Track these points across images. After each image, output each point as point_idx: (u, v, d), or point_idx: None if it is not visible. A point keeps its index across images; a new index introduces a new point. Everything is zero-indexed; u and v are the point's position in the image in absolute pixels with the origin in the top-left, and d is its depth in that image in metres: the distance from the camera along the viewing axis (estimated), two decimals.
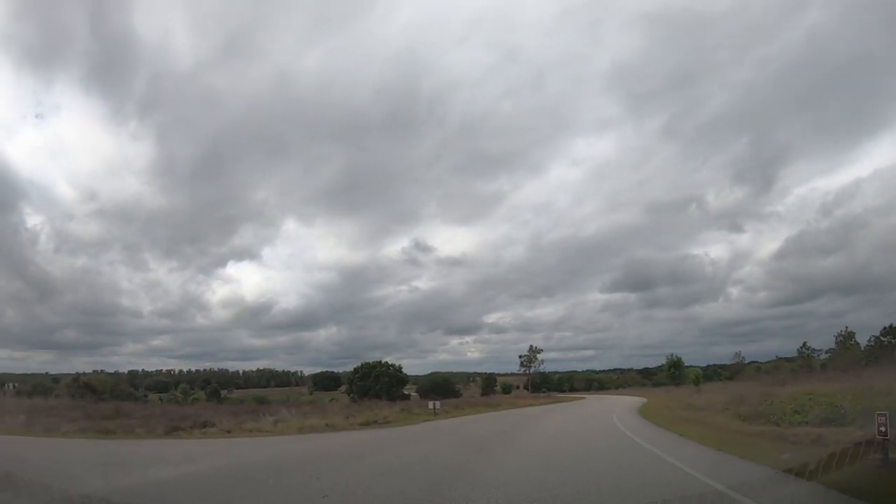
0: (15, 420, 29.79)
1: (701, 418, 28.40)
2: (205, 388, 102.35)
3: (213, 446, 20.73)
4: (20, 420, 29.75)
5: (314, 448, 20.06)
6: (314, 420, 32.02)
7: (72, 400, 51.11)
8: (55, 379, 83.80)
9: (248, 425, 28.63)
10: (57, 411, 36.50)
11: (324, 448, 20.03)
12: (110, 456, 17.34)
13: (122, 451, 19.27)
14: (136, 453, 18.17)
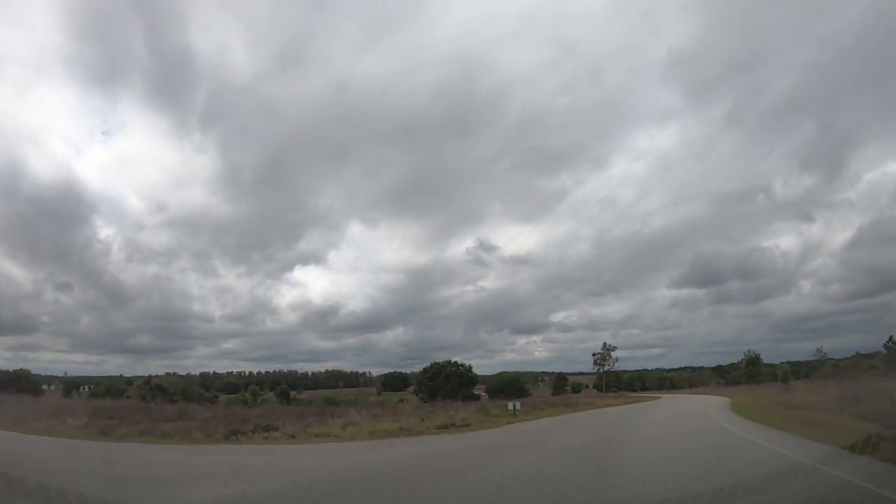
0: (77, 422, 28.27)
1: (818, 419, 23.33)
2: (274, 389, 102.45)
3: (272, 456, 17.69)
4: (81, 422, 28.19)
5: (392, 459, 16.66)
6: (386, 423, 28.78)
7: (140, 402, 50.35)
8: (129, 381, 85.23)
9: (314, 429, 25.68)
10: (120, 413, 35.03)
11: (404, 459, 16.60)
12: (151, 466, 14.59)
13: (169, 459, 16.59)
14: (181, 463, 15.31)
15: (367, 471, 13.40)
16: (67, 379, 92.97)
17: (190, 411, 36.23)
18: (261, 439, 23.21)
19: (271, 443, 22.21)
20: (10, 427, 28.28)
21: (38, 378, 76.16)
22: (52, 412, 32.97)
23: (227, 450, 19.58)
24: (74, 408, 36.74)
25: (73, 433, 25.44)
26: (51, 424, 28.26)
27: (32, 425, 28.51)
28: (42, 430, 27.05)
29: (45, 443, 21.60)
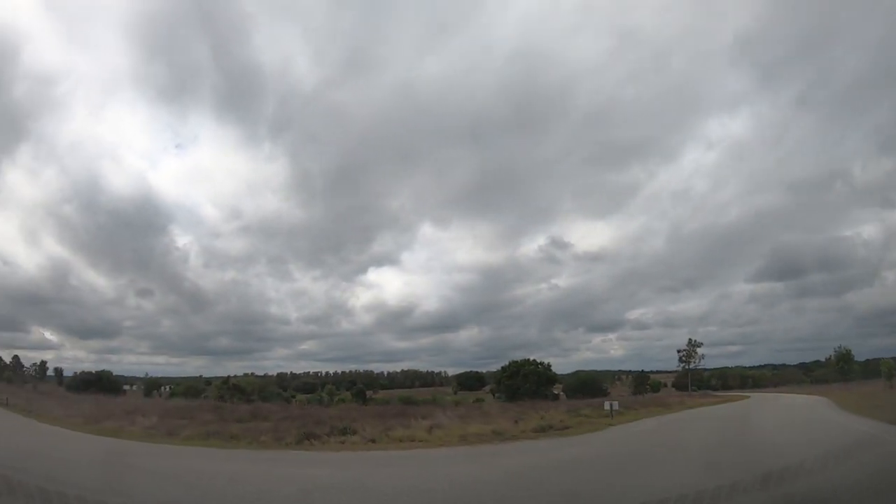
0: (146, 421, 26.40)
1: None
2: (350, 388, 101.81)
3: (350, 468, 14.43)
4: (151, 422, 26.33)
5: (504, 473, 13.05)
6: (476, 425, 25.30)
7: (216, 401, 49.19)
8: (207, 381, 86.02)
9: (397, 432, 22.52)
10: (192, 413, 33.29)
11: (519, 473, 12.95)
12: (198, 480, 11.66)
13: (225, 470, 13.65)
14: (236, 478, 12.26)
15: (480, 493, 9.89)
16: (148, 379, 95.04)
17: (263, 411, 34.02)
18: (336, 444, 20.24)
19: (349, 448, 19.15)
20: (80, 426, 26.90)
21: (119, 379, 77.88)
22: (125, 412, 31.58)
23: (297, 458, 16.62)
24: (148, 407, 35.43)
25: (139, 434, 23.43)
26: (120, 424, 26.52)
27: (102, 424, 26.94)
28: (109, 429, 25.30)
29: (98, 444, 19.54)
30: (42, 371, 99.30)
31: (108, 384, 65.49)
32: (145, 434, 23.27)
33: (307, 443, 20.09)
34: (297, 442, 20.37)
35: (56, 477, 10.63)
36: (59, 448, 18.39)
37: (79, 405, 36.84)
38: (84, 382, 64.73)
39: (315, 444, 19.95)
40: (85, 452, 17.49)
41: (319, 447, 19.42)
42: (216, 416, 31.62)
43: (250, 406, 39.83)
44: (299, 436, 21.05)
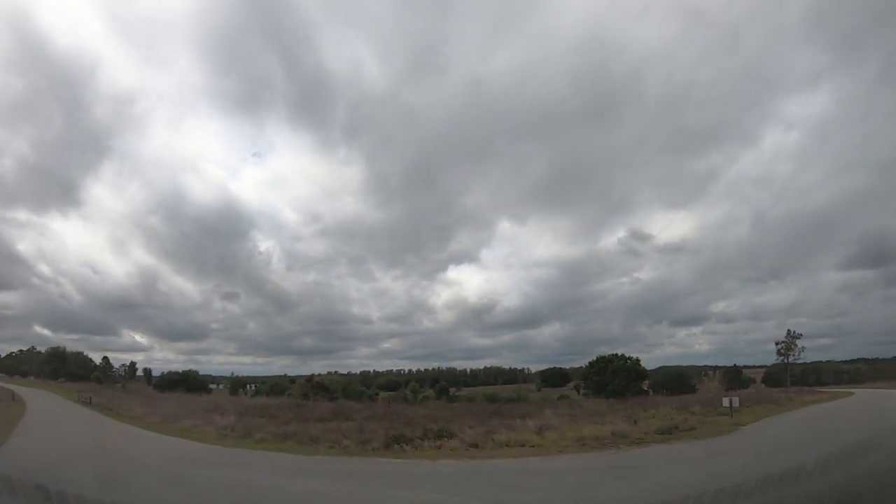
0: (223, 420, 24.27)
1: None
2: (433, 386, 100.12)
3: (460, 488, 10.52)
4: (228, 421, 24.12)
5: (675, 496, 8.97)
6: (590, 426, 21.22)
7: (299, 399, 47.39)
8: (292, 380, 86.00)
9: (502, 435, 18.75)
10: (272, 411, 31.05)
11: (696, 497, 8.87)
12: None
13: (294, 488, 10.40)
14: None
15: None
16: (234, 378, 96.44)
17: (346, 410, 31.27)
18: (432, 449, 16.72)
19: (448, 455, 15.57)
20: (155, 425, 25.08)
21: (206, 378, 78.84)
22: (204, 410, 29.69)
23: (388, 470, 13.08)
24: (228, 406, 33.52)
25: (212, 435, 21.04)
26: (196, 423, 24.41)
27: (179, 423, 25.01)
28: (183, 429, 23.14)
29: (163, 447, 17.13)
30: (132, 371, 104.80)
31: (194, 383, 65.97)
32: (218, 435, 20.85)
33: (397, 448, 16.72)
34: (384, 446, 17.07)
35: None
36: (116, 451, 16.02)
37: (161, 403, 35.76)
38: (171, 381, 65.45)
39: (407, 450, 16.53)
40: (144, 456, 15.00)
41: (412, 454, 15.98)
42: (296, 414, 29.22)
43: (332, 404, 37.48)
44: (387, 439, 17.74)
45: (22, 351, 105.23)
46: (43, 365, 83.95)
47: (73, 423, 25.82)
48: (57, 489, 7.11)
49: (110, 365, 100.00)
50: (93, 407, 36.36)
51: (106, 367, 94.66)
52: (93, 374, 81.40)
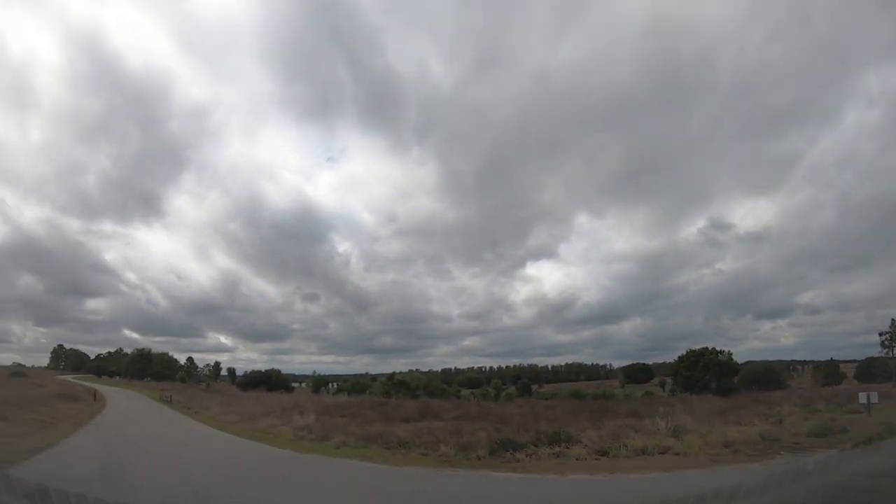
0: (303, 420, 21.88)
1: None
2: (515, 383, 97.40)
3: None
4: (308, 420, 21.78)
5: None
6: (730, 428, 17.01)
7: (381, 397, 45.09)
8: (373, 378, 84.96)
9: (633, 440, 14.89)
10: (355, 409, 28.56)
11: None
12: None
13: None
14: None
15: None
16: (316, 377, 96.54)
17: (434, 408, 28.28)
18: (550, 458, 13.18)
19: (578, 468, 11.92)
20: (230, 425, 23.09)
21: (288, 377, 78.84)
22: (283, 409, 27.49)
23: (515, 496, 9.56)
24: (308, 404, 31.28)
25: (287, 437, 18.48)
26: (273, 423, 22.16)
27: (255, 423, 22.92)
28: (257, 430, 20.80)
29: (229, 451, 14.44)
30: (216, 371, 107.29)
31: (276, 382, 65.55)
32: (295, 437, 18.21)
33: (508, 456, 13.31)
34: (490, 454, 13.69)
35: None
36: (166, 457, 13.43)
37: (240, 402, 34.11)
38: (253, 380, 65.33)
39: (520, 458, 13.09)
40: (194, 464, 12.23)
41: (529, 464, 12.48)
42: (380, 413, 26.52)
43: (418, 402, 34.69)
44: (492, 444, 14.34)
45: (110, 353, 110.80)
46: (129, 365, 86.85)
47: (143, 423, 24.17)
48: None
49: (194, 365, 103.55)
50: (171, 405, 35.34)
51: (190, 366, 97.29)
52: (177, 373, 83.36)
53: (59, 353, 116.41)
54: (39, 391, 33.57)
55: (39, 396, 28.92)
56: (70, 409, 26.19)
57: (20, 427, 18.10)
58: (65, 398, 31.12)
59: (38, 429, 17.87)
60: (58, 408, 25.49)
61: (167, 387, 53.75)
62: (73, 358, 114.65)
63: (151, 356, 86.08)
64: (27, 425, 18.69)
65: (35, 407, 23.28)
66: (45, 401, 26.97)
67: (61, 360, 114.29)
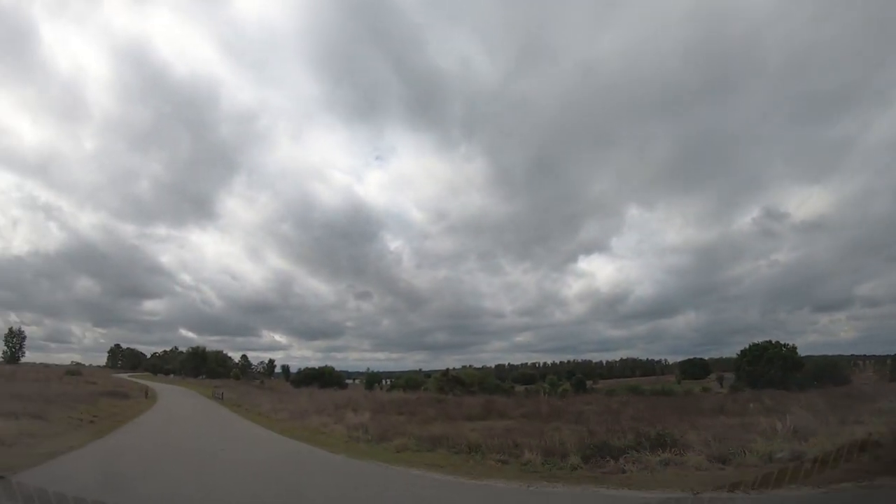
0: (357, 418, 20.03)
1: None
2: (570, 378, 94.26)
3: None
4: (362, 418, 19.91)
5: None
6: (853, 427, 13.94)
7: (438, 393, 42.95)
8: (427, 374, 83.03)
9: (756, 444, 12.09)
10: (412, 407, 26.48)
11: None
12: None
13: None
14: None
15: None
16: (369, 374, 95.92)
17: (497, 405, 25.97)
18: (660, 466, 10.61)
19: (708, 482, 9.39)
20: (279, 422, 21.63)
21: (342, 374, 78.26)
22: (336, 406, 25.74)
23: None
24: (362, 401, 29.47)
25: (340, 437, 16.56)
26: (325, 421, 20.40)
27: (306, 421, 21.24)
28: (308, 429, 19.00)
29: (267, 455, 12.26)
30: (270, 368, 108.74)
31: (330, 378, 64.72)
32: (348, 437, 16.21)
33: (609, 464, 10.77)
34: (584, 460, 11.16)
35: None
36: (202, 459, 11.49)
37: (292, 399, 32.59)
38: (307, 377, 64.65)
39: (626, 467, 10.53)
40: (232, 469, 10.21)
41: (640, 476, 9.92)
42: (439, 411, 24.35)
43: (479, 399, 32.32)
44: (583, 449, 11.81)
45: (166, 351, 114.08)
46: (184, 363, 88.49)
47: (187, 421, 22.76)
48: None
49: (248, 362, 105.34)
50: (222, 402, 34.33)
51: (244, 364, 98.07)
52: (231, 371, 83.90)
53: (115, 352, 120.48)
54: (89, 389, 33.26)
55: (87, 394, 28.32)
56: (114, 407, 25.15)
57: (55, 427, 16.69)
58: (113, 395, 30.68)
59: (72, 428, 16.49)
60: (102, 405, 24.49)
61: (220, 384, 53.39)
62: (130, 357, 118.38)
63: (206, 354, 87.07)
64: (63, 425, 17.33)
65: (78, 405, 22.25)
66: (92, 398, 26.22)
67: (118, 359, 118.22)
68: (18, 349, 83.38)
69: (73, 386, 34.44)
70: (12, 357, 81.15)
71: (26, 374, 42.95)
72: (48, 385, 30.15)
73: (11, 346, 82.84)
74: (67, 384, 35.87)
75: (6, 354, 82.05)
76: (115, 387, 37.86)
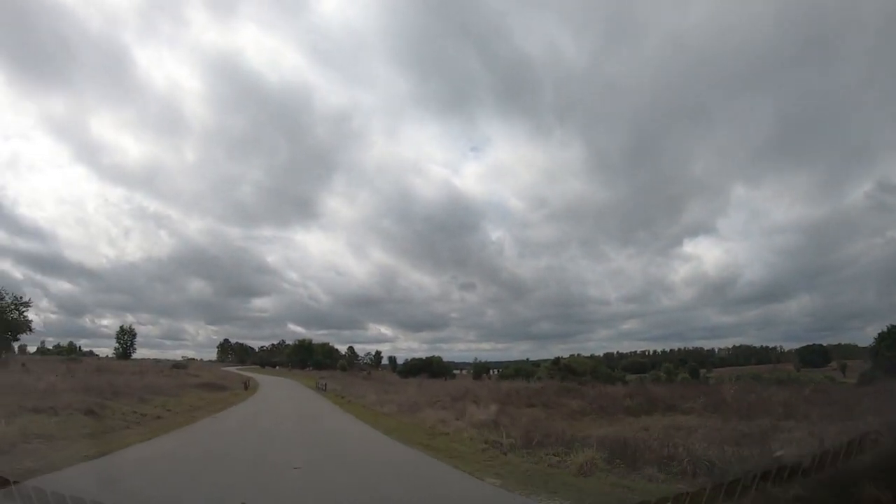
0: (483, 413, 15.80)
1: None
2: (683, 366, 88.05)
3: None
4: (488, 412, 15.81)
5: None
6: None
7: (558, 381, 37.90)
8: (535, 364, 79.08)
9: None
10: (543, 397, 21.53)
11: None
12: None
13: None
14: None
15: None
16: (476, 364, 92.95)
17: (658, 396, 20.43)
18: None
19: None
20: (388, 417, 18.05)
21: (449, 364, 75.26)
22: (452, 397, 21.53)
23: None
24: (480, 391, 24.92)
25: (471, 441, 11.79)
26: (443, 417, 15.97)
27: (419, 415, 17.53)
28: (424, 427, 14.66)
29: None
30: (377, 360, 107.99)
31: (438, 368, 62.02)
32: (483, 442, 11.28)
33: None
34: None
35: None
36: (262, 481, 6.95)
37: (400, 390, 28.84)
38: (414, 368, 62.13)
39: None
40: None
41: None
42: (583, 404, 19.16)
43: (619, 388, 27.23)
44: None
45: (273, 345, 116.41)
46: (291, 356, 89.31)
47: (277, 415, 19.28)
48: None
49: (355, 354, 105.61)
50: (325, 393, 31.70)
51: (351, 355, 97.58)
52: (338, 362, 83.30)
53: (224, 346, 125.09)
54: (186, 381, 31.69)
55: (177, 386, 26.34)
56: (201, 400, 22.37)
57: (117, 421, 13.73)
58: (209, 388, 28.96)
59: (121, 428, 12.81)
60: (188, 398, 21.85)
61: (326, 375, 51.65)
62: (239, 351, 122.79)
63: (312, 346, 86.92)
64: (128, 419, 14.32)
65: (156, 398, 19.58)
66: (180, 391, 23.98)
67: (228, 354, 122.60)
68: (130, 345, 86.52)
69: (171, 378, 32.94)
70: (124, 353, 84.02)
71: (125, 368, 42.32)
72: (141, 377, 28.27)
73: (123, 343, 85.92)
74: (165, 377, 34.44)
75: (118, 351, 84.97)
76: (216, 379, 36.89)
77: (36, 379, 20.95)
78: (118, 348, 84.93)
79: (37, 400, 13.73)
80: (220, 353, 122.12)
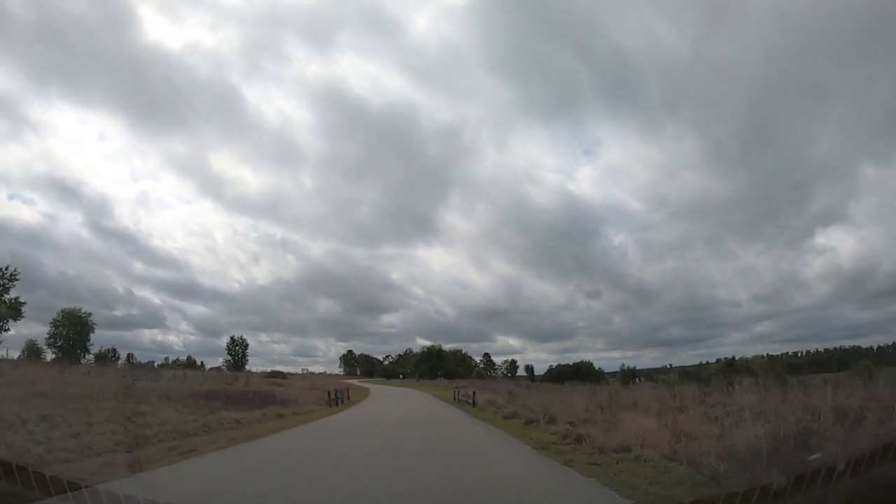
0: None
1: None
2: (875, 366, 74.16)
3: None
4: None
5: None
6: None
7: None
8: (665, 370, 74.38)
9: None
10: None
11: None
12: None
13: None
14: None
15: None
16: (625, 370, 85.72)
17: None
18: None
19: None
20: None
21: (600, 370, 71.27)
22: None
23: None
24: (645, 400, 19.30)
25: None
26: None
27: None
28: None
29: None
30: (512, 369, 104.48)
31: (589, 374, 59.43)
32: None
33: None
34: None
35: None
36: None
37: (574, 399, 22.85)
38: (559, 375, 57.23)
39: None
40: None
41: None
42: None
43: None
44: None
45: (400, 355, 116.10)
46: (417, 364, 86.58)
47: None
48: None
49: (492, 362, 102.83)
50: (473, 409, 25.92)
51: (487, 363, 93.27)
52: (472, 371, 79.16)
53: (348, 358, 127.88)
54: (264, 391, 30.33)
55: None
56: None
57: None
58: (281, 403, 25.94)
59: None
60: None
61: (463, 384, 46.99)
62: (365, 363, 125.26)
63: (442, 353, 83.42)
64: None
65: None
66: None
67: (354, 366, 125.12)
68: (241, 357, 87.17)
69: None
70: (236, 365, 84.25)
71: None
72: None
73: (234, 354, 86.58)
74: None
75: (228, 363, 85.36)
76: (309, 389, 36.05)
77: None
78: (229, 360, 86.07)
79: None
80: (344, 366, 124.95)
